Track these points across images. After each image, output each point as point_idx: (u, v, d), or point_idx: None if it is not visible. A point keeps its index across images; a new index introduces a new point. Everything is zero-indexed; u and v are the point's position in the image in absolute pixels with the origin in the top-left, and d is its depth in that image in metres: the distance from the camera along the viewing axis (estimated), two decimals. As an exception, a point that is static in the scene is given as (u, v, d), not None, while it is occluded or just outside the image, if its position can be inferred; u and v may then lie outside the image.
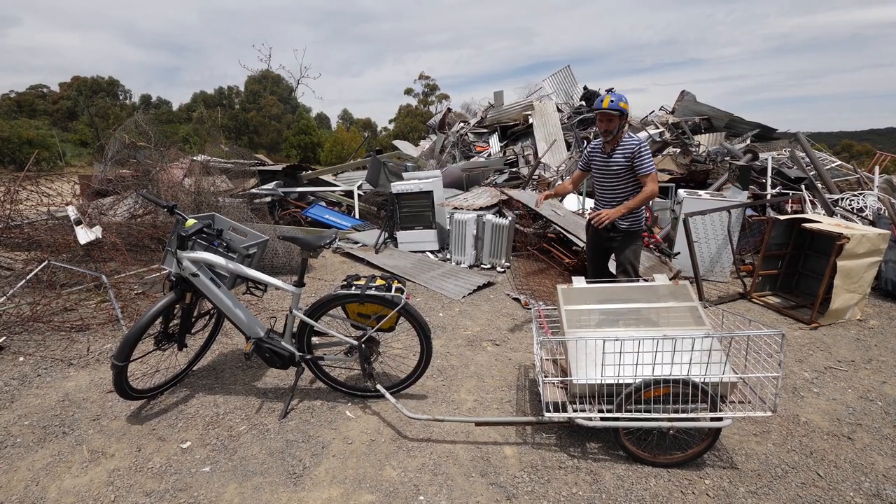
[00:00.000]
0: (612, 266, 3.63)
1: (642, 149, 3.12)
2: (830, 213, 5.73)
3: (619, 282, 3.08)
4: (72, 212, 4.92)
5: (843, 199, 6.16)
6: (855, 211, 5.92)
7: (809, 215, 4.72)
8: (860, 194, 6.16)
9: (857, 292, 4.03)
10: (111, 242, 4.66)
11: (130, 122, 6.81)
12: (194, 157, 7.73)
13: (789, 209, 6.28)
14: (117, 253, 4.63)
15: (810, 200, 6.10)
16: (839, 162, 7.81)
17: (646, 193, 3.11)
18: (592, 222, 3.24)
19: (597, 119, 3.22)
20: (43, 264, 4.16)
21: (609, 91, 3.18)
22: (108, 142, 6.59)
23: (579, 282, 2.88)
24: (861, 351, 3.59)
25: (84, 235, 4.53)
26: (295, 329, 2.72)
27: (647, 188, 3.11)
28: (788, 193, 6.34)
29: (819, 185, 6.32)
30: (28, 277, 4.08)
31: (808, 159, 6.97)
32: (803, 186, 6.34)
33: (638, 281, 3.20)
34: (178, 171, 6.65)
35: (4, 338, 3.52)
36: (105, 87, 39.00)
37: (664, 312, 2.61)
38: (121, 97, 40.24)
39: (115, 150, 6.38)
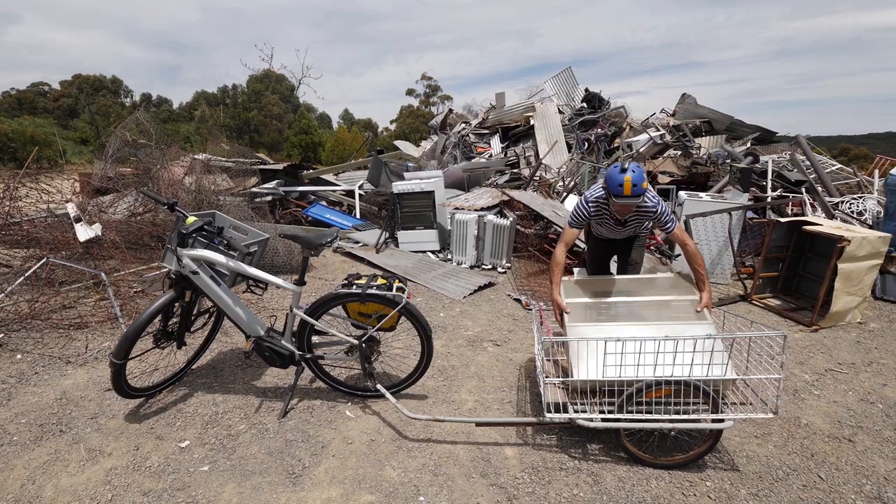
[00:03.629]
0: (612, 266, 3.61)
1: (660, 209, 2.73)
2: (830, 216, 5.72)
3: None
4: (71, 209, 4.91)
5: (843, 202, 6.16)
6: (855, 214, 5.92)
7: (810, 218, 4.72)
8: (860, 197, 6.16)
9: (858, 295, 4.02)
10: (111, 240, 4.65)
11: (132, 120, 6.80)
12: (195, 156, 7.71)
13: (790, 212, 6.28)
14: (117, 251, 4.61)
15: (810, 203, 6.09)
16: (839, 165, 7.81)
17: (698, 256, 2.62)
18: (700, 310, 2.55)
19: (612, 201, 2.64)
20: (42, 262, 4.15)
21: (623, 170, 2.51)
22: (108, 139, 6.57)
23: (581, 273, 2.87)
24: (861, 353, 3.58)
25: (83, 233, 4.51)
26: (295, 328, 2.71)
27: (691, 248, 2.65)
28: (789, 196, 6.34)
29: (819, 188, 6.32)
30: (27, 275, 4.07)
31: (808, 162, 6.97)
32: (804, 189, 6.34)
33: None
34: (179, 169, 6.63)
35: (2, 335, 3.51)
36: (108, 85, 39.01)
37: (666, 306, 2.59)
38: (122, 96, 40.23)
39: (115, 147, 6.37)
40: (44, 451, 2.36)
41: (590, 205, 2.86)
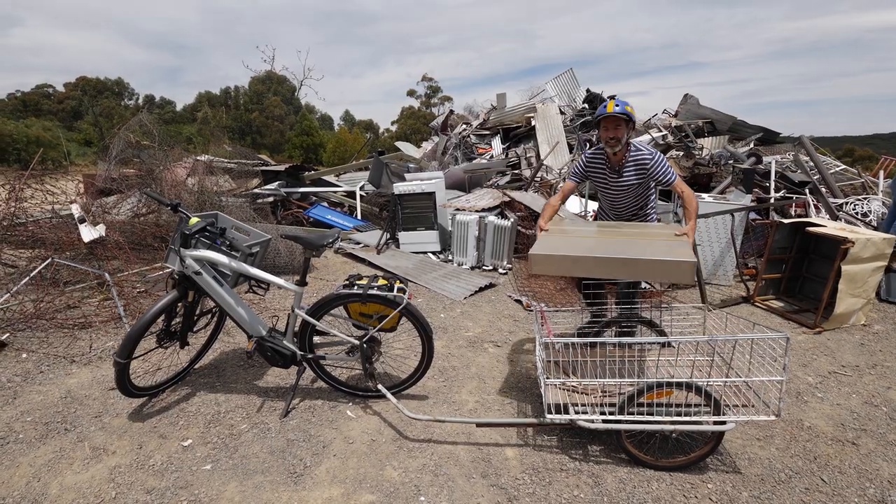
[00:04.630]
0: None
1: (657, 159, 2.80)
2: (834, 218, 5.70)
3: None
4: (76, 210, 4.94)
5: (847, 203, 6.14)
6: (859, 215, 5.89)
7: (814, 219, 4.70)
8: (865, 199, 6.14)
9: (862, 297, 4.00)
10: (114, 241, 4.67)
11: (135, 122, 6.85)
12: (198, 157, 7.75)
13: (793, 213, 6.26)
14: (120, 251, 4.64)
15: (814, 204, 6.07)
16: (843, 166, 7.78)
17: (693, 200, 2.73)
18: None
19: (601, 128, 2.83)
20: (46, 262, 4.18)
21: (612, 97, 2.97)
22: (112, 141, 6.61)
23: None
24: (865, 356, 3.56)
25: (88, 233, 4.54)
26: (297, 328, 2.72)
27: (687, 193, 2.75)
28: (792, 197, 6.32)
29: (823, 189, 6.30)
30: (32, 275, 4.10)
31: (812, 163, 6.95)
32: (807, 190, 6.32)
33: (638, 281, 3.17)
34: (182, 170, 6.67)
35: (8, 335, 3.53)
36: (111, 87, 39.26)
37: (647, 234, 2.69)
38: (126, 97, 40.47)
39: (119, 149, 6.41)
40: (49, 449, 2.38)
41: (586, 157, 3.04)
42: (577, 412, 2.27)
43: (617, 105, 2.73)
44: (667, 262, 2.21)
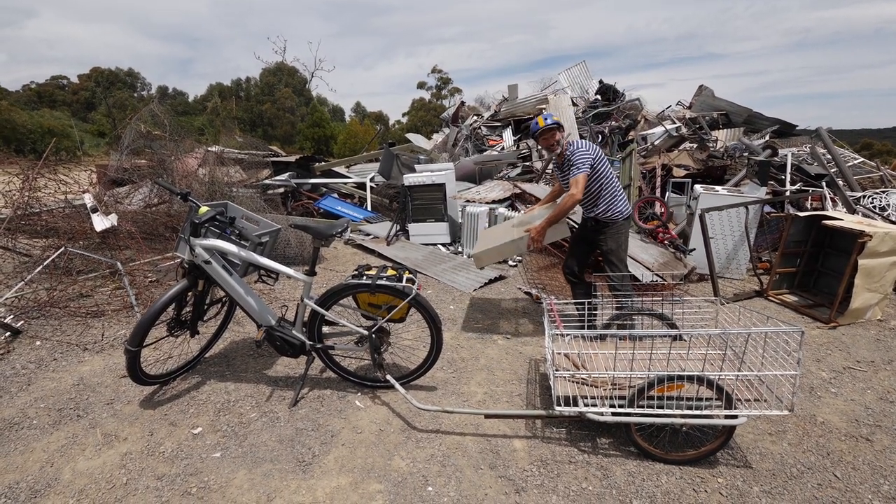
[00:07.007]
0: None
1: (574, 155, 3.10)
2: (852, 211, 5.58)
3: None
4: (88, 200, 4.99)
5: (865, 196, 5.99)
6: (877, 209, 5.76)
7: (830, 213, 4.60)
8: (883, 192, 5.99)
9: (879, 292, 3.92)
10: (126, 230, 4.72)
11: (146, 112, 6.89)
12: (209, 148, 7.78)
13: (809, 206, 6.13)
14: (132, 241, 4.69)
15: (831, 198, 5.94)
16: (861, 159, 7.59)
17: (563, 200, 3.12)
18: (530, 248, 3.29)
19: (539, 140, 3.24)
20: (60, 251, 4.23)
21: (538, 114, 3.34)
22: (124, 131, 6.66)
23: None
24: (881, 351, 3.49)
25: (100, 223, 4.59)
26: (306, 318, 2.73)
27: (571, 192, 3.05)
28: (808, 190, 6.19)
29: (840, 183, 6.16)
30: (45, 263, 4.16)
31: (829, 156, 6.78)
32: (824, 183, 6.18)
33: (627, 274, 3.26)
34: (193, 160, 6.70)
35: (22, 322, 3.59)
36: (123, 78, 39.59)
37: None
38: (139, 88, 40.79)
39: (131, 139, 6.46)
40: (62, 434, 2.42)
41: (553, 163, 3.56)
42: (586, 404, 2.25)
43: (545, 119, 3.16)
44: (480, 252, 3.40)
